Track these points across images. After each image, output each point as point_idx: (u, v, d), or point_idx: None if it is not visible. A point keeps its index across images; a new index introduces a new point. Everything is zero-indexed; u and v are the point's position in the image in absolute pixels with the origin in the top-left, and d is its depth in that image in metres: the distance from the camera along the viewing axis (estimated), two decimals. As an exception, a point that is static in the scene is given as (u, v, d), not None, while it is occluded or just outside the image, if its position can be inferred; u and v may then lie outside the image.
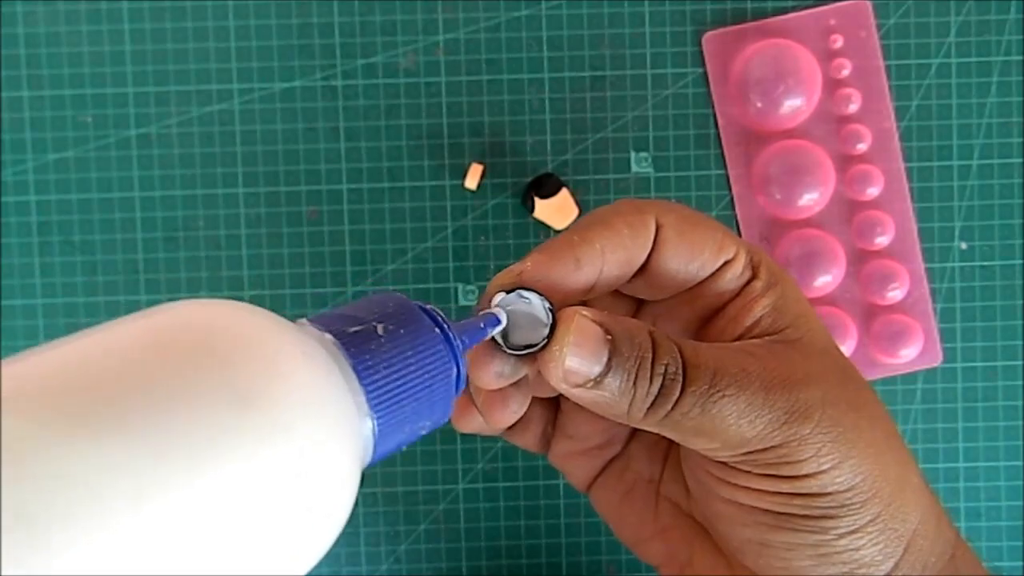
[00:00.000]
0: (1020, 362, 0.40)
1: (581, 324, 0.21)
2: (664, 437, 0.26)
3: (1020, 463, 0.40)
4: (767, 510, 0.22)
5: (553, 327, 0.21)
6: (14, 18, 0.39)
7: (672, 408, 0.21)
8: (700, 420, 0.21)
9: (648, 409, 0.21)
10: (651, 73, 0.40)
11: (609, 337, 0.21)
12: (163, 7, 0.39)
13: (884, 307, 0.40)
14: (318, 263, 0.40)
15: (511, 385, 0.23)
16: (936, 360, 0.40)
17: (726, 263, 0.24)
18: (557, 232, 0.39)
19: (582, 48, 0.39)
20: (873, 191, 0.39)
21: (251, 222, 0.39)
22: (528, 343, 0.21)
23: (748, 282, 0.24)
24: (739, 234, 0.40)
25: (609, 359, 0.21)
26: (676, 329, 0.25)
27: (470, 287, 0.40)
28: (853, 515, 0.22)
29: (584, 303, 0.23)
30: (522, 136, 0.40)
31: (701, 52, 0.39)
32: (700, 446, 0.22)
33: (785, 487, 0.22)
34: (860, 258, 0.40)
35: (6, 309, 0.39)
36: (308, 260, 0.40)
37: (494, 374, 0.22)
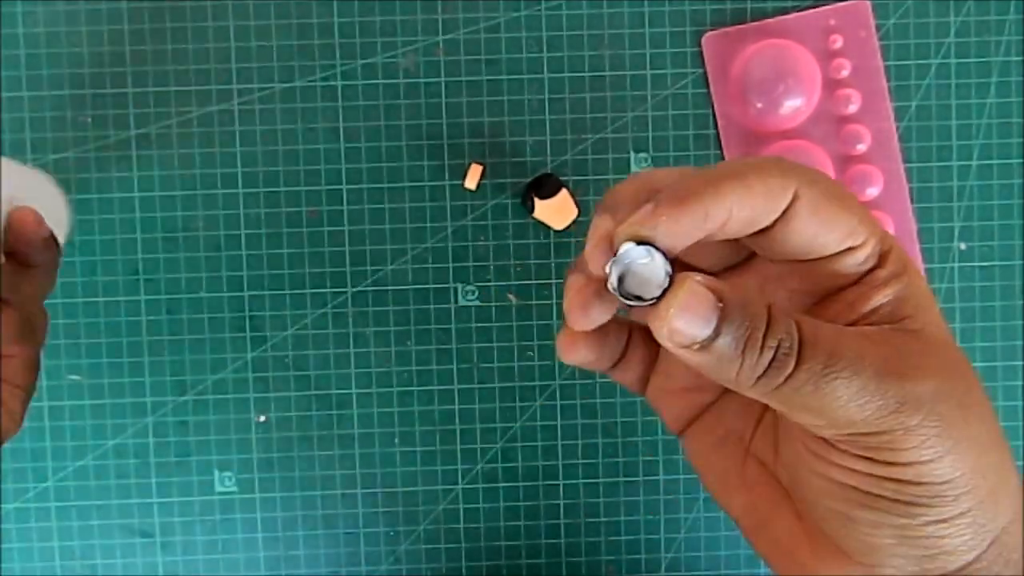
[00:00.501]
0: (1020, 362, 0.40)
1: (693, 287, 0.21)
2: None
3: (1020, 463, 0.40)
4: (857, 488, 0.22)
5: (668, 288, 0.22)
6: (14, 18, 0.39)
7: (784, 382, 0.21)
8: (811, 397, 0.21)
9: (758, 379, 0.21)
10: (651, 73, 0.40)
11: (721, 304, 0.21)
12: (163, 7, 0.39)
13: (884, 307, 0.40)
14: (318, 263, 0.40)
15: (595, 298, 0.24)
16: (936, 360, 0.40)
17: (851, 248, 0.23)
18: (558, 231, 0.39)
19: (582, 48, 0.39)
20: (873, 191, 0.39)
21: (251, 222, 0.39)
22: (640, 295, 0.22)
23: (872, 269, 0.23)
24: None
25: (719, 325, 0.21)
26: (784, 297, 0.25)
27: (470, 287, 0.40)
28: (944, 507, 0.22)
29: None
30: (522, 136, 0.40)
31: (701, 52, 0.39)
32: (805, 421, 0.22)
33: (881, 471, 0.22)
34: (860, 258, 0.40)
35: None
36: (308, 260, 0.40)
37: (596, 313, 0.23)
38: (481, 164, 0.39)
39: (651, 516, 0.40)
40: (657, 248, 0.22)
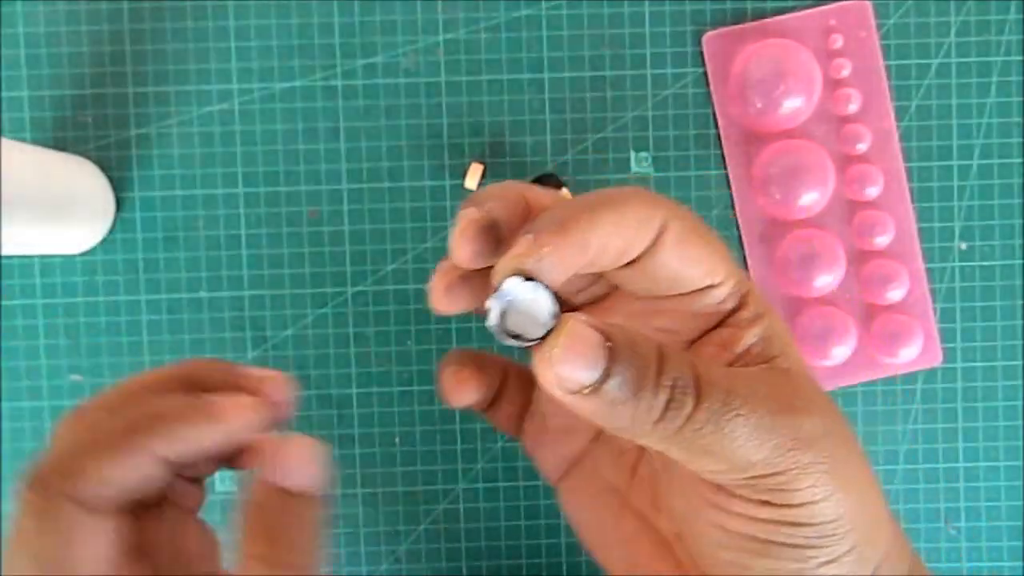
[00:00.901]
0: (1020, 362, 0.40)
1: (578, 328, 0.19)
2: (630, 449, 0.26)
3: (1020, 463, 0.40)
4: (753, 536, 0.22)
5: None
6: (14, 18, 0.39)
7: (684, 423, 0.20)
8: (712, 438, 0.20)
9: (656, 423, 0.20)
10: (651, 73, 0.40)
11: (609, 344, 0.19)
12: (163, 7, 0.39)
13: (884, 307, 0.40)
14: (318, 263, 0.40)
15: (460, 282, 0.23)
16: (936, 360, 0.40)
17: (711, 285, 0.23)
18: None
19: (582, 48, 0.39)
20: (873, 191, 0.39)
21: (251, 222, 0.39)
22: (521, 334, 0.20)
23: (735, 310, 0.23)
24: (739, 234, 0.40)
25: (608, 366, 0.19)
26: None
27: (470, 287, 0.40)
28: (833, 545, 0.22)
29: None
30: (522, 136, 0.40)
31: (701, 52, 0.39)
32: (706, 467, 0.21)
33: (778, 514, 0.21)
34: (860, 258, 0.40)
35: (6, 309, 0.39)
36: (308, 260, 0.40)
37: (459, 297, 0.23)
38: (481, 164, 0.39)
39: (651, 516, 0.40)
40: (541, 283, 0.20)
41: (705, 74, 0.40)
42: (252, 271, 0.39)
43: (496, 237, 0.22)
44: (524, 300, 0.20)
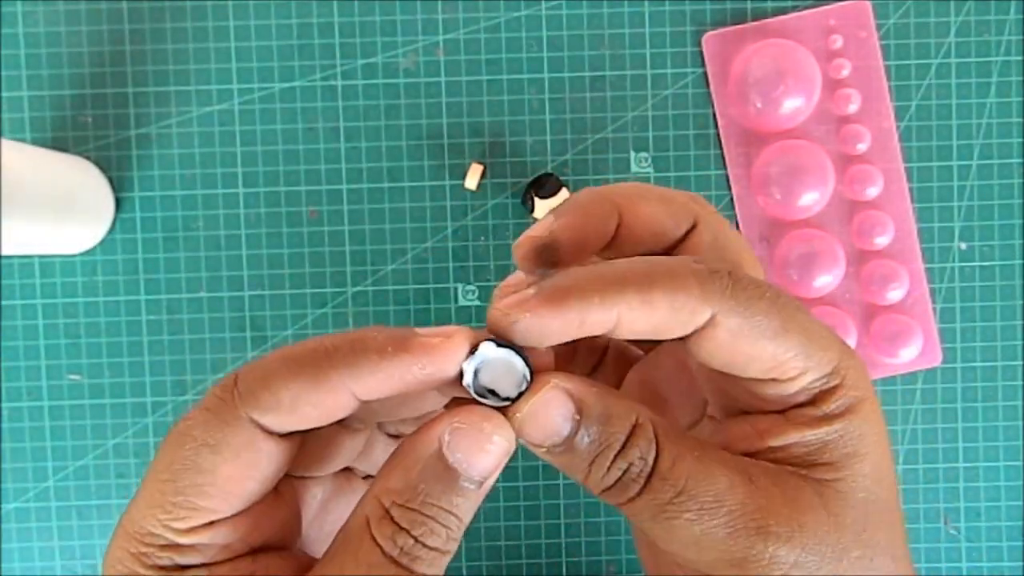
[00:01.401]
0: (1020, 362, 0.40)
1: (547, 398, 0.20)
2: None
3: (1020, 463, 0.40)
4: None
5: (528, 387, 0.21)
6: (14, 18, 0.39)
7: (626, 503, 0.20)
8: (650, 526, 0.20)
9: (604, 491, 0.20)
10: (651, 73, 0.40)
11: (577, 417, 0.20)
12: (163, 7, 0.39)
13: (884, 307, 0.40)
14: (318, 263, 0.40)
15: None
16: (936, 360, 0.40)
17: (777, 380, 0.20)
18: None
19: (582, 48, 0.39)
20: (873, 191, 0.39)
21: (251, 222, 0.39)
22: (495, 391, 0.21)
23: (803, 404, 0.21)
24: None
25: (572, 435, 0.20)
26: (690, 388, 0.24)
27: (470, 287, 0.40)
28: None
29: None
30: (522, 136, 0.40)
31: (701, 52, 0.39)
32: (657, 542, 0.21)
33: None
34: (860, 258, 0.40)
35: (5, 309, 0.39)
36: (308, 260, 0.40)
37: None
38: (481, 164, 0.39)
39: (651, 516, 0.40)
40: (518, 351, 0.20)
41: (705, 74, 0.40)
42: (252, 271, 0.39)
43: (551, 259, 0.22)
44: (496, 360, 0.20)
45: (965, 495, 0.40)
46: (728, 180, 0.40)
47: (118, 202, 0.39)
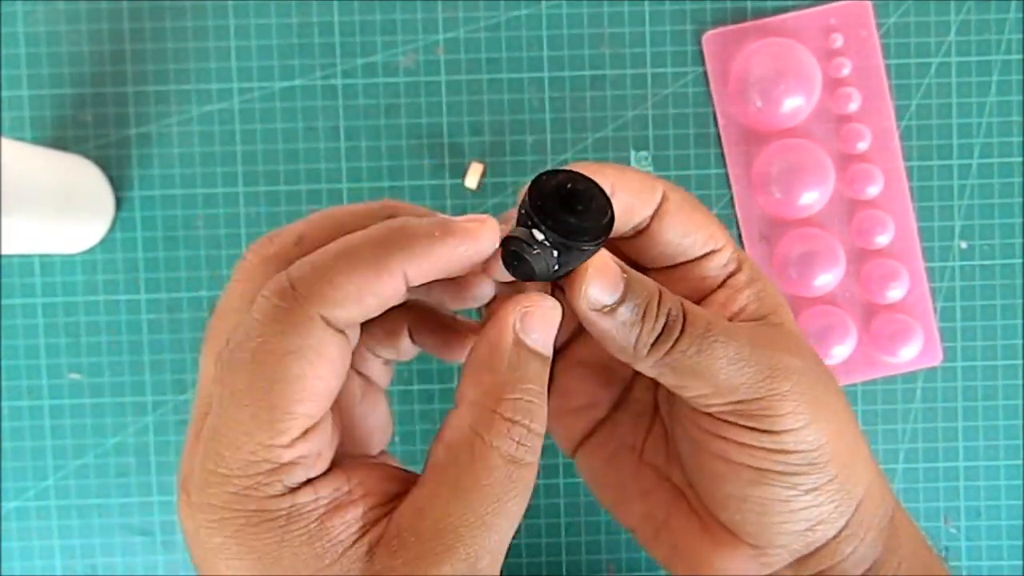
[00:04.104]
0: (1020, 361, 0.40)
1: (604, 258, 0.23)
2: (646, 412, 0.29)
3: (1020, 462, 0.40)
4: (749, 466, 0.25)
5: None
6: (14, 17, 0.39)
7: (673, 345, 0.23)
8: (696, 360, 0.24)
9: (652, 345, 0.23)
10: (651, 72, 0.40)
11: (626, 277, 0.23)
12: (163, 6, 0.39)
13: (884, 306, 0.40)
14: (318, 262, 0.40)
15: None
16: (936, 359, 0.40)
17: (713, 251, 0.26)
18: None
19: (582, 47, 0.39)
20: (873, 190, 0.39)
21: (251, 221, 0.39)
22: (530, 275, 0.23)
23: (732, 274, 0.26)
24: (739, 233, 0.40)
25: (624, 294, 0.23)
26: None
27: (470, 286, 0.40)
28: (817, 473, 0.24)
29: None
30: (522, 135, 0.40)
31: (701, 51, 0.39)
32: (695, 391, 0.24)
33: (765, 441, 0.24)
34: (860, 257, 0.40)
35: (5, 308, 0.39)
36: (308, 259, 0.40)
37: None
38: (481, 163, 0.39)
39: (651, 515, 0.40)
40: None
41: (705, 73, 0.40)
42: (252, 270, 0.39)
43: None
44: (536, 239, 0.22)
45: (965, 494, 0.40)
46: (728, 179, 0.40)
47: (118, 201, 0.39)
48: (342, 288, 0.21)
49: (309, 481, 0.21)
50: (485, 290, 0.24)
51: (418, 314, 0.26)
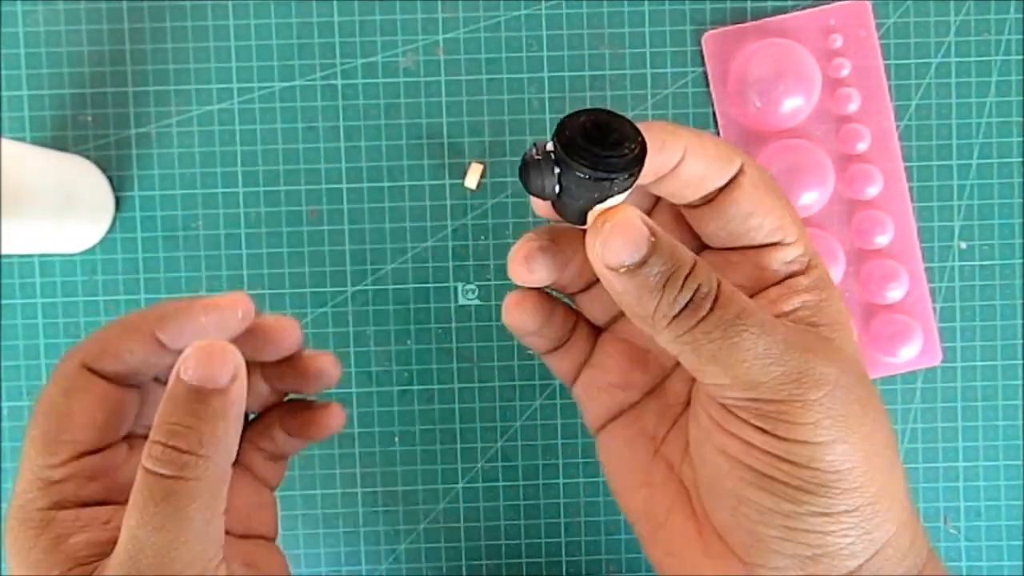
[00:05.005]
0: (1020, 361, 0.40)
1: (629, 214, 0.22)
2: (679, 403, 0.27)
3: (1020, 462, 0.40)
4: (751, 466, 0.23)
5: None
6: (14, 17, 0.39)
7: (696, 324, 0.22)
8: (720, 345, 0.22)
9: (674, 318, 0.22)
10: (651, 72, 0.40)
11: (653, 239, 0.22)
12: (163, 6, 0.39)
13: (884, 307, 0.40)
14: (318, 262, 0.40)
15: (539, 253, 0.25)
16: (936, 359, 0.40)
17: (780, 243, 0.24)
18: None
19: (582, 47, 0.39)
20: (872, 191, 0.39)
21: (251, 221, 0.39)
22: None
23: (794, 275, 0.24)
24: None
25: (648, 254, 0.21)
26: None
27: (470, 286, 0.40)
28: (831, 499, 0.22)
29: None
30: (522, 135, 0.40)
31: (701, 52, 0.40)
32: (712, 378, 0.23)
33: (775, 446, 0.22)
34: (859, 257, 0.40)
35: (6, 308, 0.39)
36: (308, 259, 0.40)
37: (538, 266, 0.25)
38: (481, 163, 0.39)
39: (651, 515, 0.40)
40: None
41: (705, 74, 0.40)
42: (252, 270, 0.39)
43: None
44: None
45: (965, 494, 0.40)
46: (728, 179, 0.40)
47: (118, 201, 0.39)
48: (99, 343, 0.26)
49: (83, 505, 0.25)
50: (312, 364, 0.29)
51: (285, 408, 0.30)
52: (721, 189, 0.24)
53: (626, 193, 0.22)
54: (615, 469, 0.28)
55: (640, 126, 0.22)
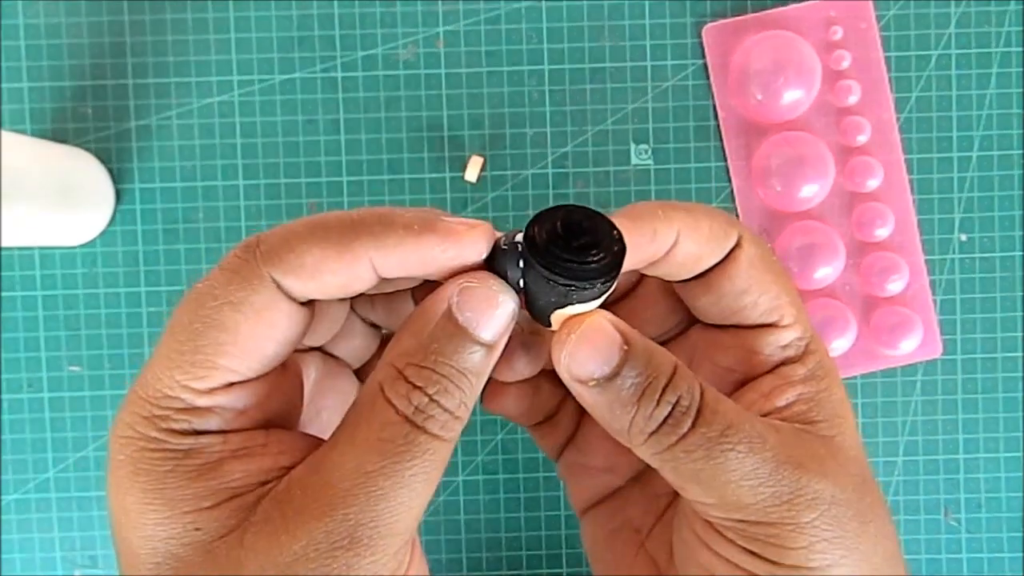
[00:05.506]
0: (1020, 353, 0.40)
1: (598, 322, 0.20)
2: (665, 494, 0.26)
3: (1020, 454, 0.40)
4: None
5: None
6: (14, 9, 0.39)
7: (676, 442, 0.20)
8: (702, 466, 0.20)
9: (651, 434, 0.20)
10: (651, 65, 0.40)
11: (626, 347, 0.20)
12: (163, -1, 0.39)
13: (884, 299, 0.40)
14: (318, 255, 0.40)
15: (521, 349, 0.23)
16: (936, 352, 0.40)
17: (775, 325, 0.22)
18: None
19: (582, 40, 0.39)
20: (873, 183, 0.39)
21: (251, 214, 0.39)
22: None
23: (791, 361, 0.23)
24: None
25: (620, 365, 0.20)
26: (707, 373, 0.24)
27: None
28: None
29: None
30: (522, 128, 0.40)
31: (701, 44, 0.39)
32: (695, 496, 0.21)
33: (766, 571, 0.20)
34: (860, 250, 0.40)
35: (6, 300, 0.39)
36: (308, 252, 0.40)
37: (520, 365, 0.23)
38: (481, 156, 0.39)
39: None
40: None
41: (705, 66, 0.40)
42: (252, 263, 0.39)
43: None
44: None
45: (965, 486, 0.40)
46: (728, 172, 0.40)
47: (118, 194, 0.39)
48: (300, 257, 0.20)
49: (222, 432, 0.21)
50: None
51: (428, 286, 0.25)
52: (716, 264, 0.22)
53: (598, 301, 0.20)
54: (599, 560, 0.26)
55: (630, 214, 0.20)
